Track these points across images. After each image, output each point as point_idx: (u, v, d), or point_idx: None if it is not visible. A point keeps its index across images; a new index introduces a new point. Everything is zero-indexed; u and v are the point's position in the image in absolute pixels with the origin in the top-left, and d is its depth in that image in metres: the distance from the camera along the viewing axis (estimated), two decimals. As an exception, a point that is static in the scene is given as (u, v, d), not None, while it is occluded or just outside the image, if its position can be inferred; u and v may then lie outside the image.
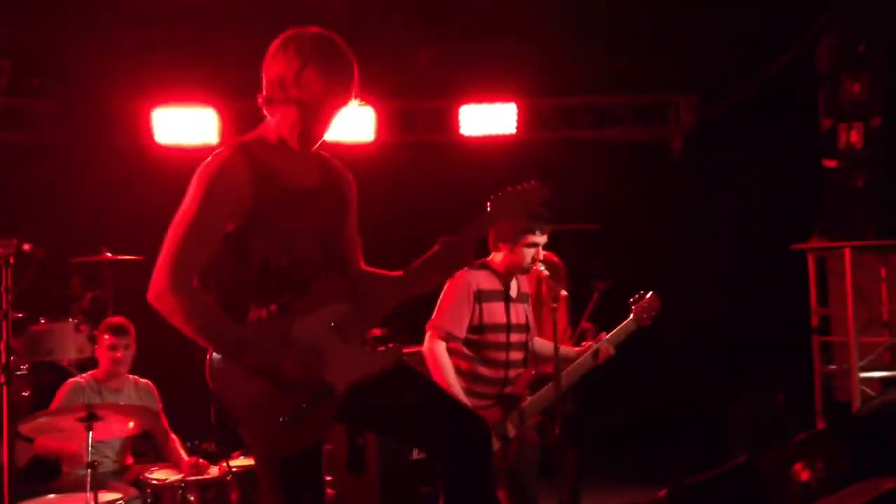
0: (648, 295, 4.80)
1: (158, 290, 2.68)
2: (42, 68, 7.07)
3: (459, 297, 4.35)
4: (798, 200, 7.27)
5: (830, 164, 6.93)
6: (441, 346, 4.34)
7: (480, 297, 4.37)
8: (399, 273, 3.01)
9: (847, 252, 6.58)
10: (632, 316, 4.74)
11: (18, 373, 3.27)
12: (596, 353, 4.61)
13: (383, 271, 3.06)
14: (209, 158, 2.77)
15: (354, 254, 3.08)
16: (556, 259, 5.66)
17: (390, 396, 2.84)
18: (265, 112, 2.82)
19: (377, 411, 2.86)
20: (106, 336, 5.10)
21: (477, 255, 4.54)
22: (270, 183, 2.75)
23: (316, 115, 2.76)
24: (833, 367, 7.11)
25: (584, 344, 4.73)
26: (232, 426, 2.71)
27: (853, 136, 6.72)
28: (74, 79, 7.11)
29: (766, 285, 7.37)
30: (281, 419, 2.64)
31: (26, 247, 3.13)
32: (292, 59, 2.73)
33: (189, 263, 2.67)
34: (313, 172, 2.92)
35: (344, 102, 2.82)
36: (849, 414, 6.51)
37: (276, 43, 2.79)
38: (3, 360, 2.92)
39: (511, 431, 4.37)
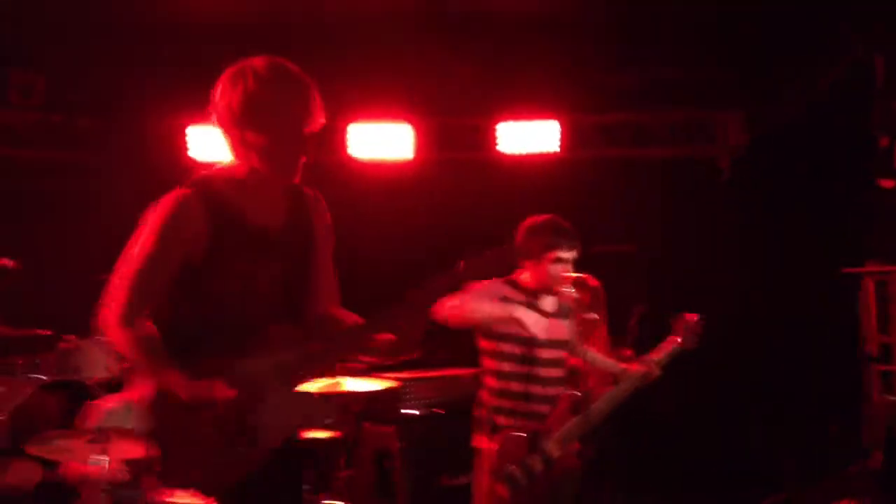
0: (693, 318, 4.64)
1: (106, 321, 2.73)
2: (77, 84, 7.08)
3: (483, 292, 4.16)
4: (852, 222, 6.97)
5: (887, 184, 6.65)
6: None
7: (505, 302, 4.18)
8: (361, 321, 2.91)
9: (904, 276, 6.28)
10: (678, 339, 4.58)
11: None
12: (645, 376, 4.46)
13: (348, 316, 2.96)
14: (169, 195, 2.72)
15: (318, 295, 2.96)
16: (594, 282, 5.43)
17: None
18: (228, 144, 2.75)
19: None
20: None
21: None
22: (230, 223, 2.69)
23: (282, 142, 2.68)
24: (892, 397, 6.77)
25: (633, 365, 4.54)
26: (162, 457, 2.71)
27: (910, 154, 6.43)
28: (109, 95, 7.12)
29: (817, 311, 7.06)
30: (211, 454, 2.61)
31: (5, 262, 3.02)
32: (249, 87, 2.66)
33: (139, 300, 2.66)
34: (282, 208, 2.83)
35: (308, 125, 2.72)
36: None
37: (229, 72, 2.74)
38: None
39: (554, 451, 4.16)
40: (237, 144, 2.71)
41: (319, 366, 2.88)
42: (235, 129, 2.68)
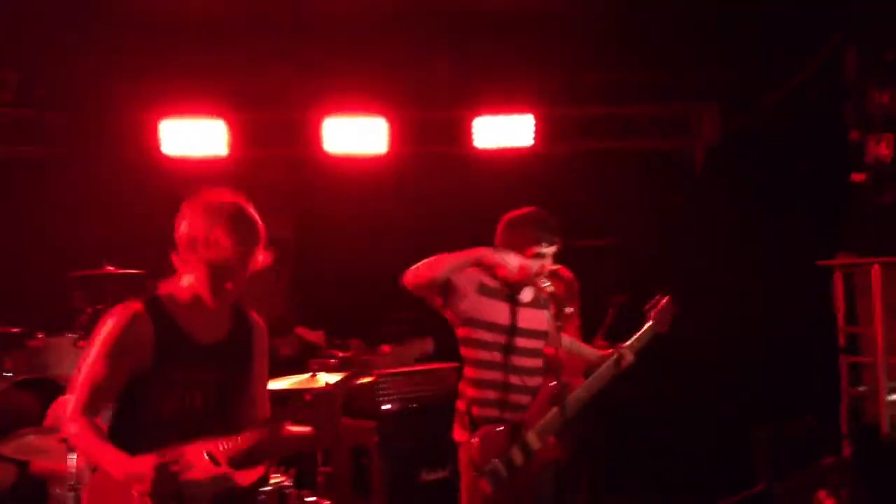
0: (664, 299, 4.62)
1: (64, 416, 3.01)
2: (48, 80, 6.98)
3: (465, 280, 4.13)
4: (824, 215, 7.02)
5: (858, 177, 6.70)
6: None
7: (482, 289, 4.15)
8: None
9: (876, 269, 6.32)
10: (650, 322, 4.56)
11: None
12: (618, 362, 4.42)
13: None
14: (123, 307, 2.97)
15: (254, 401, 3.22)
16: (567, 274, 5.44)
17: None
18: (178, 270, 3.02)
19: None
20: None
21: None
22: (174, 340, 3.00)
23: (226, 273, 2.97)
24: (862, 388, 6.83)
25: (603, 352, 4.54)
26: None
27: (882, 149, 6.47)
28: (81, 90, 7.02)
29: (791, 303, 7.10)
30: None
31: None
32: (203, 222, 2.94)
33: (88, 403, 2.93)
34: (224, 325, 3.14)
35: (252, 262, 3.04)
36: (875, 439, 6.23)
37: (186, 205, 3.02)
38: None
39: (535, 444, 4.14)
40: (187, 266, 3.00)
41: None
42: (186, 254, 2.98)
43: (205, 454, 2.96)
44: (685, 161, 7.89)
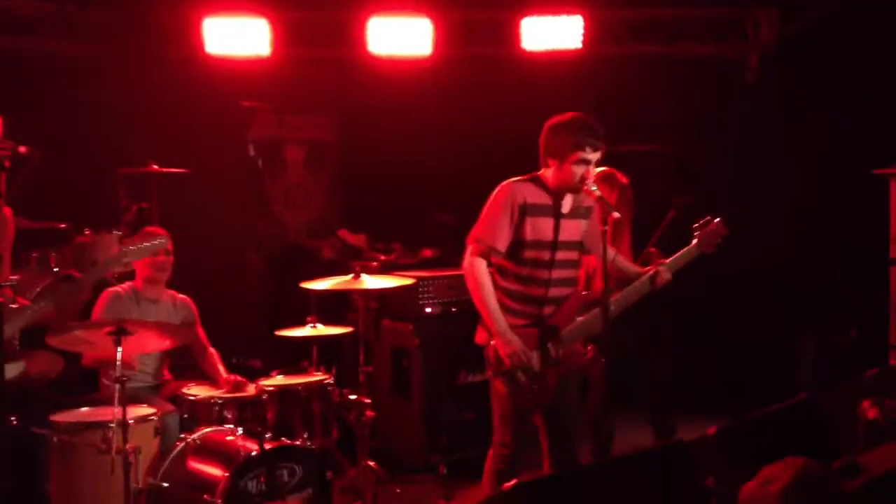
0: (715, 221, 4.51)
1: None
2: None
3: (503, 208, 4.10)
4: (883, 124, 6.79)
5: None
6: (481, 264, 4.11)
7: (526, 210, 4.11)
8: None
9: (933, 177, 6.14)
10: (694, 242, 4.48)
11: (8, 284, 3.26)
12: (653, 279, 4.36)
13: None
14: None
15: None
16: (623, 179, 5.34)
17: None
18: None
19: None
20: (145, 244, 5.00)
21: (531, 168, 4.31)
22: None
23: None
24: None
25: (643, 269, 4.47)
26: None
27: (946, 53, 6.20)
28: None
29: (843, 214, 6.94)
30: None
31: (22, 149, 2.97)
32: None
33: None
34: None
35: None
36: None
37: None
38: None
39: (555, 352, 4.14)
40: None
41: None
42: None
43: None
44: (738, 68, 7.64)
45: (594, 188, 4.12)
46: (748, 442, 3.27)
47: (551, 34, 7.31)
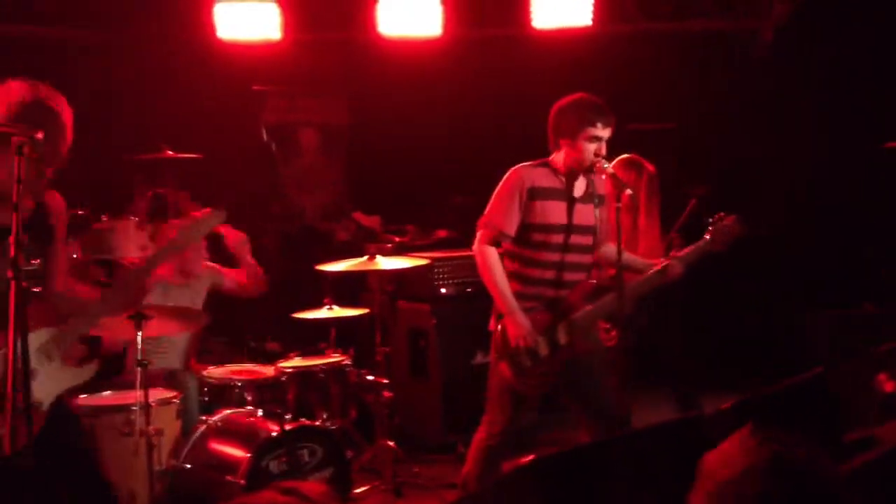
0: (729, 218, 4.46)
1: None
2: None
3: (510, 192, 4.14)
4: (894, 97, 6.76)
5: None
6: (491, 249, 4.15)
7: (534, 194, 4.13)
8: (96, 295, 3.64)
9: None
10: (707, 237, 4.45)
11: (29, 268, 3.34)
12: (664, 272, 4.37)
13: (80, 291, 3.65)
14: None
15: (55, 271, 3.55)
16: (651, 167, 5.27)
17: None
18: None
19: None
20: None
21: (541, 154, 4.33)
22: None
23: None
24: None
25: (658, 260, 4.48)
26: None
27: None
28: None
29: (858, 186, 6.92)
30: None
31: (39, 135, 3.01)
32: None
33: None
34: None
35: None
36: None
37: None
38: (12, 254, 2.82)
39: (562, 338, 4.17)
40: None
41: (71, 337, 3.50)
42: None
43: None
44: (752, 41, 7.60)
45: (607, 165, 4.15)
46: (764, 415, 3.29)
47: (561, 11, 7.29)
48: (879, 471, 2.65)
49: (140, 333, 4.01)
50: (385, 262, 5.25)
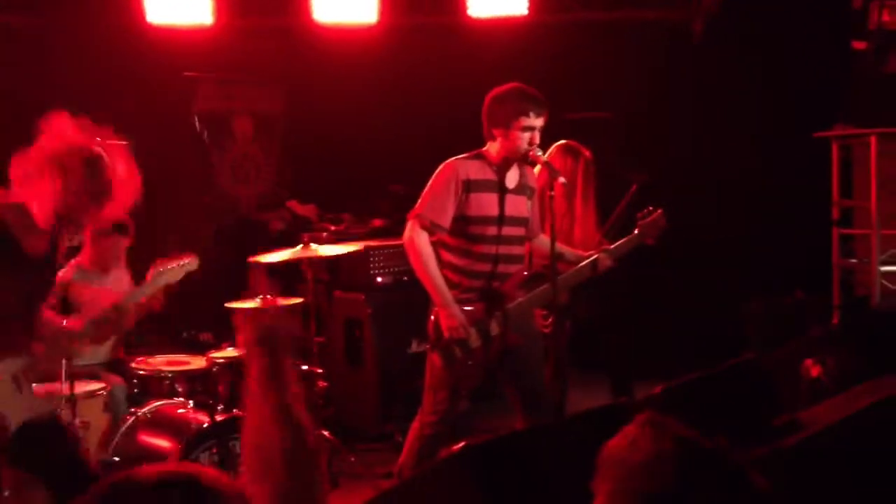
0: (656, 213, 4.61)
1: None
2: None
3: (445, 185, 4.13)
4: (824, 86, 6.88)
5: (860, 46, 6.55)
6: (423, 236, 4.14)
7: (469, 186, 4.14)
8: (79, 323, 3.54)
9: (873, 140, 6.25)
10: (636, 231, 4.59)
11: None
12: (594, 265, 4.44)
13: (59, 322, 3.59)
14: None
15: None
16: (587, 153, 5.28)
17: None
18: None
19: None
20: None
21: (477, 143, 4.32)
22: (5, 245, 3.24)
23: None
24: (853, 260, 6.86)
25: (588, 253, 4.54)
26: None
27: (885, 16, 6.30)
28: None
29: (788, 175, 7.03)
30: None
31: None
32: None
33: None
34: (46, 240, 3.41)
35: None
36: (866, 309, 6.28)
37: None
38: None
39: (494, 329, 4.19)
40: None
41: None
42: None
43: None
44: (683, 32, 7.68)
45: (540, 153, 4.17)
46: (694, 400, 3.33)
47: (497, 0, 7.28)
48: (804, 453, 2.69)
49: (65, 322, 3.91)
50: (320, 250, 5.20)
